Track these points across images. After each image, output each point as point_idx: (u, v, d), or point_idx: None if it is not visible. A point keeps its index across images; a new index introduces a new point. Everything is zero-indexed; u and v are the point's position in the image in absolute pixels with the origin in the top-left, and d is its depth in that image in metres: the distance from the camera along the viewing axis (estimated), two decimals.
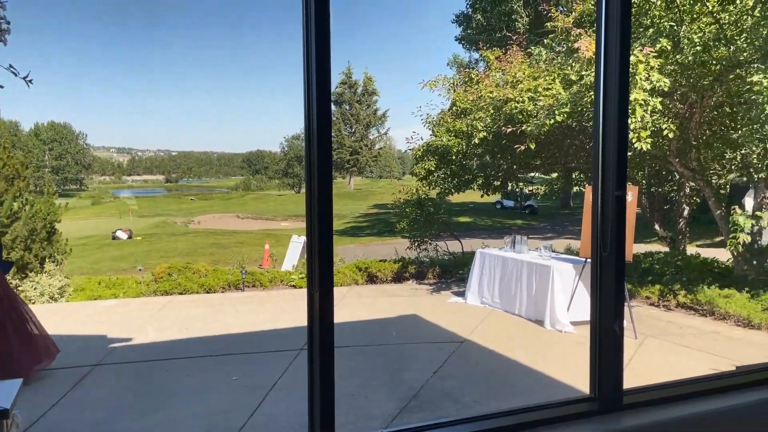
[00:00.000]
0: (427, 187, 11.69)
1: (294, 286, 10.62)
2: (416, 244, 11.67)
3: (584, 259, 7.65)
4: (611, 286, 2.23)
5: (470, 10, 26.81)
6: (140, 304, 9.32)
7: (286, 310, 8.85)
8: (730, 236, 8.00)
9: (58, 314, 8.71)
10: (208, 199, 54.59)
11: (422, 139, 12.08)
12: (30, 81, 3.00)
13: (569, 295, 7.58)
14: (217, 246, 20.05)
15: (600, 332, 2.27)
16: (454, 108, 11.31)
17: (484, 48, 12.39)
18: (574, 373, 5.59)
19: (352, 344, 6.75)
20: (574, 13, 9.70)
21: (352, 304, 9.09)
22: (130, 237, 24.25)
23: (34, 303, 9.64)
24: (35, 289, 9.84)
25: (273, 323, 7.99)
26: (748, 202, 10.88)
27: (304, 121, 1.95)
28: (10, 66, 3.02)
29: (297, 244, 14.46)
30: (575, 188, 14.90)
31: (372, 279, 11.00)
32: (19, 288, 10.07)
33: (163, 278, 10.36)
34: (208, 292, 10.12)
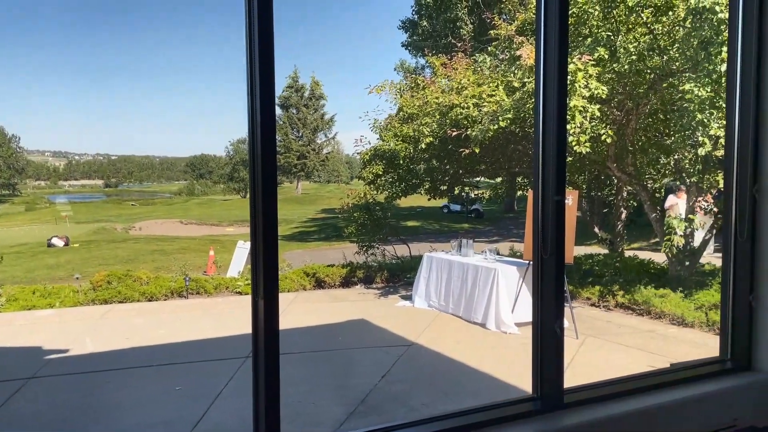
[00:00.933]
0: (375, 191, 11.73)
1: (240, 293, 10.45)
2: (364, 249, 11.68)
3: (528, 262, 7.82)
4: (552, 288, 2.29)
5: (416, 16, 27.08)
6: (78, 314, 8.97)
7: (232, 317, 8.69)
8: (665, 238, 8.34)
9: None
10: (149, 205, 53.10)
11: (370, 144, 12.12)
12: None
13: (513, 297, 7.74)
14: (159, 252, 19.51)
15: (541, 333, 2.32)
16: (401, 113, 11.39)
17: (430, 54, 12.54)
18: (519, 374, 5.71)
19: (299, 350, 6.69)
20: (516, 22, 9.93)
21: (299, 310, 9.01)
22: (66, 244, 23.31)
23: None
24: None
25: (218, 331, 7.83)
26: (673, 200, 11.36)
27: (248, 125, 1.92)
28: None
29: (243, 250, 14.23)
30: (519, 192, 15.25)
31: (320, 284, 10.93)
32: None
33: (102, 286, 10.00)
34: (150, 301, 9.83)
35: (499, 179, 14.75)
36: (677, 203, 10.83)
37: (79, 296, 9.81)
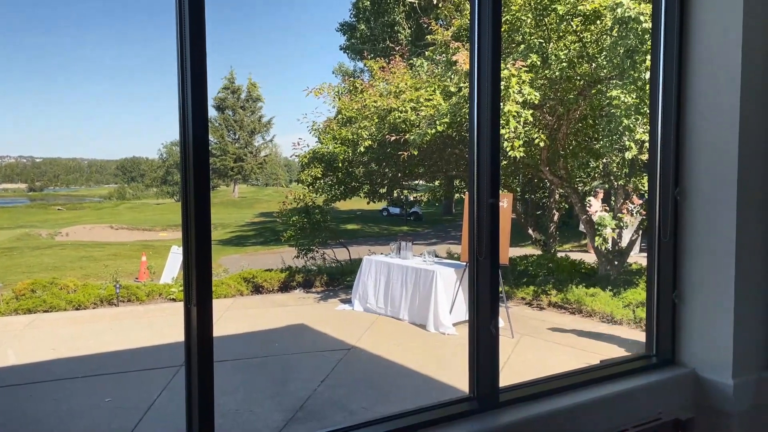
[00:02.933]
0: (314, 194, 11.65)
1: (174, 300, 10.14)
2: (303, 253, 11.57)
3: (465, 264, 7.94)
4: (487, 289, 2.32)
5: (354, 19, 27.12)
6: None
7: (165, 324, 8.43)
8: (596, 234, 8.66)
9: None
10: (77, 209, 50.87)
11: (308, 147, 12.03)
12: None
13: (451, 299, 7.85)
14: (88, 259, 18.72)
15: (477, 333, 2.35)
16: (339, 116, 11.37)
17: (368, 58, 12.58)
18: (458, 375, 5.78)
19: (235, 357, 6.55)
20: (452, 27, 10.09)
21: (236, 316, 8.83)
22: None
23: None
24: None
25: (151, 339, 7.57)
26: (594, 203, 11.84)
27: (179, 127, 1.86)
28: None
29: (176, 256, 13.82)
30: (457, 195, 15.49)
31: (258, 289, 10.76)
32: None
33: (25, 295, 9.49)
34: (77, 309, 9.40)
35: (437, 182, 14.94)
36: (591, 204, 11.31)
37: (0, 306, 9.28)
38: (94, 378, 6.04)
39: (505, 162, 8.82)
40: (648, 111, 7.36)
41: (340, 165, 11.11)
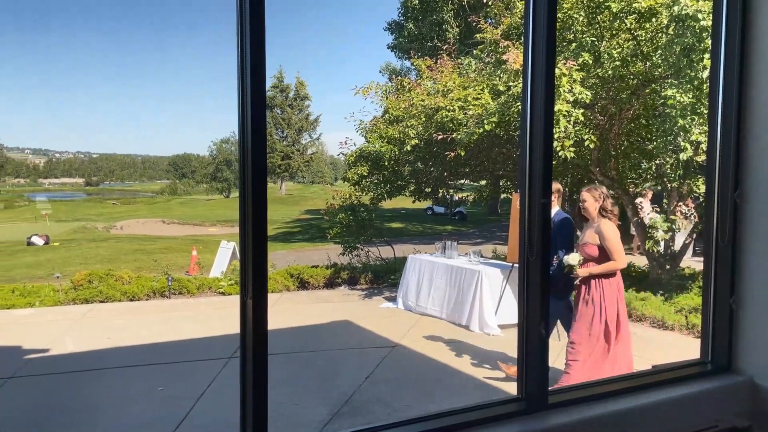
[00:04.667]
0: (360, 193, 11.72)
1: (223, 293, 10.39)
2: (348, 250, 11.66)
3: (511, 264, 7.87)
4: (537, 290, 2.31)
5: (402, 18, 27.13)
6: (58, 314, 8.86)
7: (215, 317, 8.64)
8: (648, 236, 8.44)
9: None
10: (131, 204, 52.59)
11: (355, 145, 12.11)
12: None
13: (497, 299, 7.79)
14: (141, 252, 19.33)
15: (527, 334, 2.34)
16: (386, 115, 11.40)
17: (416, 56, 12.57)
18: (502, 375, 5.75)
19: (283, 351, 6.66)
20: (502, 26, 9.99)
21: (283, 311, 8.98)
22: (46, 243, 23.01)
23: None
24: None
25: (201, 331, 7.78)
26: (645, 204, 11.51)
27: (238, 126, 1.92)
28: None
29: (226, 250, 14.15)
30: (503, 195, 15.33)
31: (304, 285, 10.91)
32: None
33: (83, 286, 9.88)
34: (131, 300, 9.74)
35: (483, 182, 14.82)
36: (642, 206, 10.99)
37: (59, 295, 9.69)
38: (147, 367, 6.24)
39: (554, 162, 8.68)
40: (705, 111, 7.15)
41: (386, 164, 11.14)
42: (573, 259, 5.07)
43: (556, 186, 6.24)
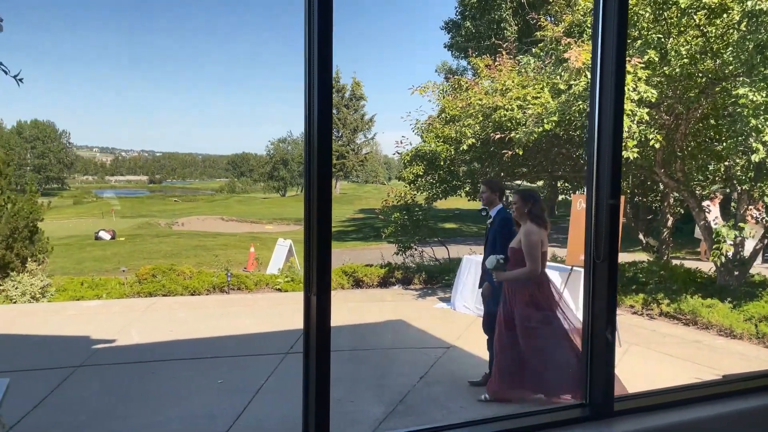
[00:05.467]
0: (415, 192, 11.71)
1: (279, 290, 10.58)
2: (403, 250, 11.67)
3: (570, 267, 7.70)
4: (604, 294, 2.25)
5: (459, 17, 26.93)
6: (124, 306, 9.22)
7: (272, 313, 8.81)
8: (714, 246, 8.10)
9: (41, 315, 8.60)
10: (192, 201, 54.22)
11: (411, 144, 12.11)
12: (20, 80, 2.97)
13: None
14: (201, 248, 19.91)
15: (592, 339, 2.29)
16: (443, 114, 11.35)
17: (474, 55, 12.47)
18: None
19: (338, 349, 6.71)
20: (563, 23, 9.79)
21: (338, 309, 9.03)
22: (113, 237, 23.99)
23: (15, 302, 9.50)
24: (16, 288, 9.70)
25: (258, 327, 7.95)
26: (713, 208, 11.03)
27: (304, 126, 1.95)
28: (0, 64, 2.98)
29: (282, 248, 14.39)
30: (561, 197, 15.03)
31: (358, 283, 10.99)
32: (0, 287, 9.92)
33: (147, 280, 10.26)
34: (192, 295, 10.04)
35: (540, 183, 14.57)
36: (710, 209, 10.54)
37: (125, 288, 10.09)
38: (208, 360, 6.42)
39: None
40: None
41: (442, 163, 11.09)
42: (489, 262, 5.05)
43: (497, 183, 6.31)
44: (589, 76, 7.71)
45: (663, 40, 8.11)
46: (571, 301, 7.69)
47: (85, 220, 31.89)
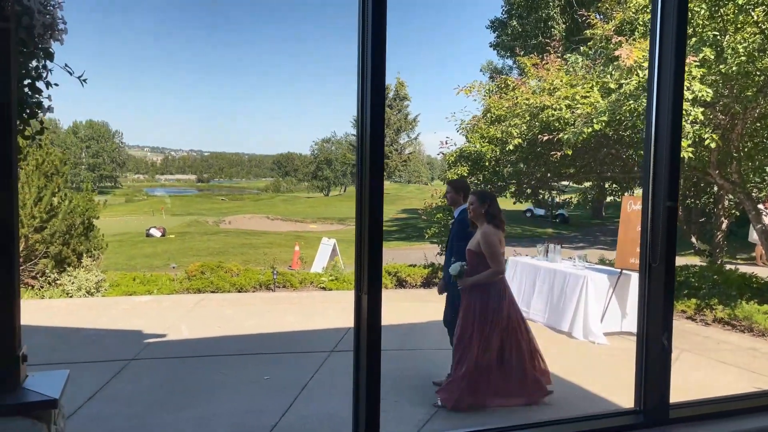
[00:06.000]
0: None
1: (324, 288, 10.68)
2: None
3: (619, 271, 7.54)
4: (660, 298, 2.19)
5: (506, 16, 26.67)
6: (174, 301, 9.46)
7: (317, 311, 8.89)
8: None
9: (95, 309, 8.90)
10: (238, 200, 55.25)
11: (455, 145, 12.05)
12: (84, 80, 3.07)
13: (603, 307, 7.48)
14: (248, 246, 20.27)
15: (646, 344, 2.23)
16: (488, 114, 11.26)
17: (521, 54, 12.32)
18: (610, 386, 5.51)
19: (383, 348, 6.74)
20: (614, 21, 9.58)
21: (382, 308, 9.08)
22: (163, 235, 24.67)
23: (71, 296, 9.87)
24: (73, 283, 10.07)
25: (304, 324, 8.04)
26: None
27: (357, 128, 1.97)
28: (66, 66, 3.08)
29: (326, 247, 14.54)
30: (609, 198, 14.70)
31: (401, 283, 10.99)
32: (58, 281, 10.32)
33: (196, 276, 10.51)
34: (239, 292, 10.23)
35: (587, 184, 14.28)
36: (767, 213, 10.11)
37: (174, 284, 10.36)
38: (254, 356, 6.53)
39: None
40: None
41: (487, 164, 11.00)
42: (453, 269, 4.95)
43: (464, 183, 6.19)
44: (640, 75, 7.53)
45: (719, 37, 7.86)
46: (618, 305, 7.53)
47: (137, 218, 32.88)
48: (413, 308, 9.33)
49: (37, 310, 8.59)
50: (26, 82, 3.21)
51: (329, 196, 62.47)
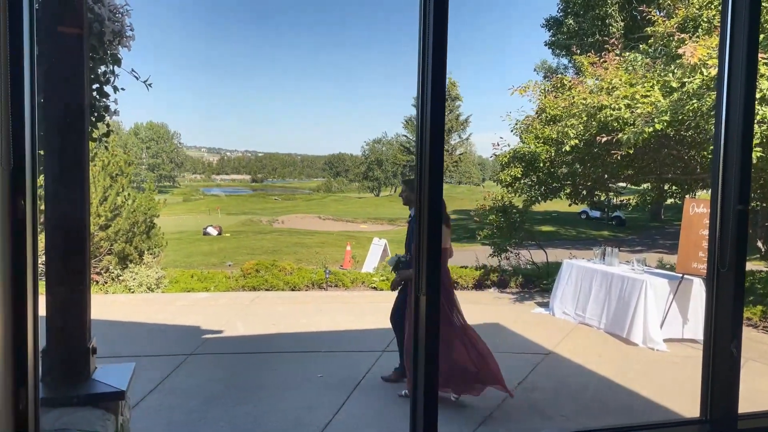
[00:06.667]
0: (513, 195, 11.48)
1: (375, 288, 10.73)
2: (498, 252, 11.49)
3: (681, 275, 7.29)
4: (729, 305, 2.12)
5: (561, 14, 26.18)
6: (230, 298, 9.70)
7: (368, 311, 8.95)
8: None
9: (155, 304, 9.22)
10: (291, 200, 56.12)
11: (509, 146, 11.89)
12: (150, 84, 3.19)
13: (663, 312, 7.25)
14: (300, 245, 20.58)
15: (714, 352, 2.16)
16: (543, 114, 11.07)
17: (577, 53, 12.06)
18: (670, 394, 5.34)
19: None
20: (676, 17, 9.27)
21: None
22: (219, 233, 25.31)
23: (133, 292, 10.24)
24: (134, 279, 10.45)
25: (356, 323, 8.11)
26: None
27: (416, 129, 1.98)
28: (132, 70, 3.22)
29: (377, 247, 14.61)
30: (669, 200, 14.22)
31: (453, 285, 10.93)
32: (120, 277, 10.73)
33: (251, 274, 10.74)
34: (293, 290, 10.40)
35: (646, 185, 13.84)
36: None
37: (230, 282, 10.62)
38: (308, 354, 6.63)
39: None
40: None
41: (542, 165, 10.81)
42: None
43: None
44: (705, 73, 7.26)
45: None
46: (679, 311, 7.29)
47: (194, 216, 33.82)
48: (465, 310, 9.25)
49: (101, 305, 8.96)
50: (95, 86, 3.36)
51: (380, 196, 62.70)
